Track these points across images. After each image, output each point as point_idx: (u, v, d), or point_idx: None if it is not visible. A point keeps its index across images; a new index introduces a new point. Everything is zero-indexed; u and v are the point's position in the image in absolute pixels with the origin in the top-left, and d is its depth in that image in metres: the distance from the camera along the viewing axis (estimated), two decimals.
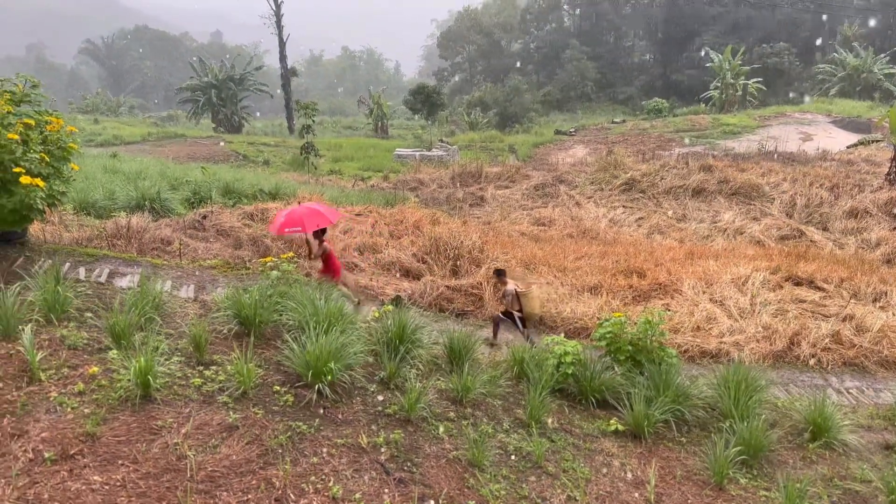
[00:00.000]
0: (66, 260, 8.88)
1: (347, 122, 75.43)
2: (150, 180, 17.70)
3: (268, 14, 59.49)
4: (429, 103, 51.73)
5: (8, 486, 4.44)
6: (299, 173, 34.16)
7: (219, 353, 6.76)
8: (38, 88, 8.89)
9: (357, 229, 15.46)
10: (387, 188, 28.32)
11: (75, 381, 5.73)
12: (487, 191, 27.00)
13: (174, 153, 36.75)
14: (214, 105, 59.10)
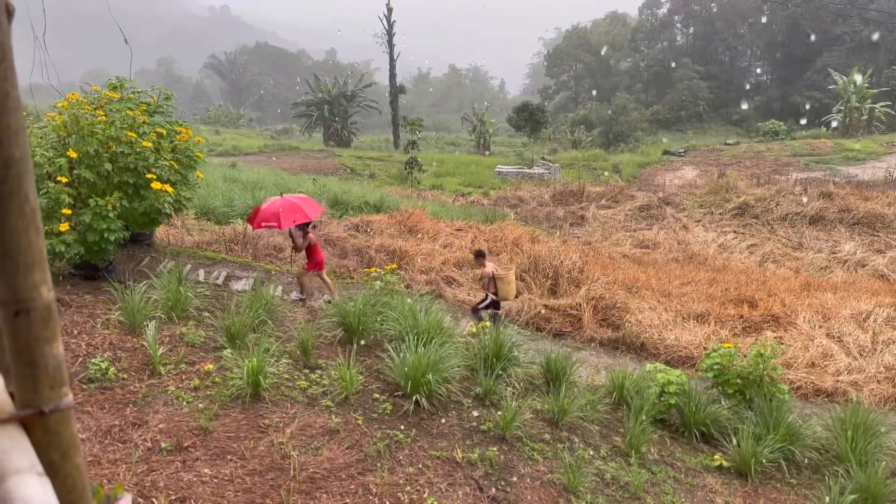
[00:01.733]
0: (187, 262, 9.51)
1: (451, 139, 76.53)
2: (265, 190, 18.64)
3: (380, 33, 61.49)
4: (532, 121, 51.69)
5: (128, 471, 4.78)
6: (402, 187, 34.95)
7: (323, 358, 7.02)
8: (171, 100, 9.61)
9: (456, 244, 15.63)
10: (487, 204, 28.46)
11: (192, 377, 6.11)
12: (589, 210, 26.58)
13: (288, 165, 38.55)
14: (326, 120, 61.57)
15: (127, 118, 7.89)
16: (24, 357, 1.14)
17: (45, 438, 1.17)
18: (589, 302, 11.81)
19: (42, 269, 1.14)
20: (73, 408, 1.21)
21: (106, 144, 7.57)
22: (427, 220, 17.63)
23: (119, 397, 5.63)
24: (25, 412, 1.15)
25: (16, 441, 1.12)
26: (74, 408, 1.28)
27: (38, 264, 1.14)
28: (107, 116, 7.81)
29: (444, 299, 11.13)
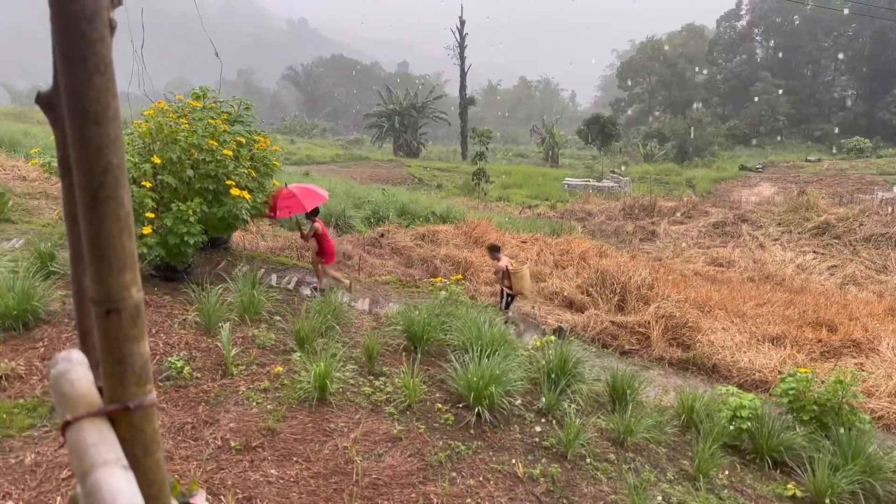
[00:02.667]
0: (261, 266, 9.80)
1: (519, 150, 76.32)
2: (336, 198, 19.03)
3: (452, 45, 62.07)
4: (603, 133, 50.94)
5: (198, 468, 4.94)
6: (469, 198, 35.05)
7: (388, 366, 7.09)
8: (250, 110, 9.95)
9: (522, 256, 15.54)
10: (553, 217, 28.20)
11: (262, 379, 6.27)
12: (660, 226, 25.97)
13: (358, 174, 39.27)
14: (396, 131, 62.48)
15: (209, 127, 8.22)
16: (113, 354, 1.19)
17: (129, 433, 1.21)
18: (658, 320, 11.52)
19: (133, 270, 1.20)
20: (155, 405, 1.26)
21: (188, 151, 7.90)
22: (493, 231, 17.61)
23: (193, 395, 5.84)
24: (112, 407, 1.20)
25: (103, 435, 1.17)
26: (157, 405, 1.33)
27: (129, 266, 1.19)
28: (190, 125, 8.16)
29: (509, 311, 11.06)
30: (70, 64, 1.11)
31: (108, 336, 1.17)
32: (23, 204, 11.41)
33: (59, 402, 1.21)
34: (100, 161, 1.13)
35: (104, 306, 1.16)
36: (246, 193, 8.16)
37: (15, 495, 4.41)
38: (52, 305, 6.78)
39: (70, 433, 1.14)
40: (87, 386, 1.23)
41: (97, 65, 1.11)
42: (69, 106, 1.13)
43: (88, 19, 1.10)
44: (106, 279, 1.15)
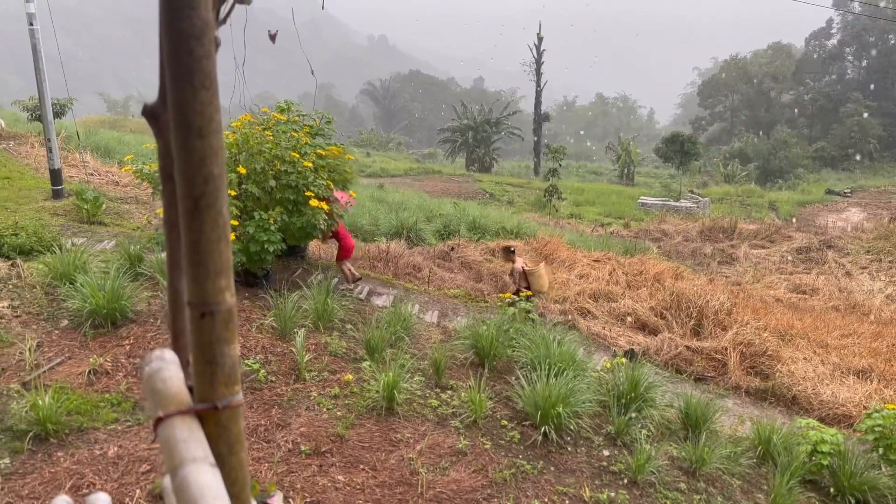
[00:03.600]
0: (335, 275, 10.01)
1: (593, 167, 75.36)
2: (408, 211, 19.28)
3: (529, 62, 62.07)
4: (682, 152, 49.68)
5: (269, 470, 5.07)
6: (540, 214, 34.81)
7: (454, 379, 7.10)
8: (331, 124, 10.23)
9: (593, 275, 15.29)
10: (627, 236, 27.64)
11: (332, 385, 6.40)
12: (740, 249, 25.05)
13: (430, 187, 39.68)
14: (469, 145, 62.82)
15: (291, 139, 8.50)
16: (205, 355, 1.24)
17: (216, 432, 1.26)
18: (736, 347, 11.10)
19: (227, 276, 1.25)
20: (242, 405, 1.31)
21: (272, 163, 8.19)
22: (564, 248, 17.42)
23: (266, 398, 6.01)
24: (202, 406, 1.25)
25: (193, 432, 1.23)
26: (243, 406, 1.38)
27: (224, 272, 1.24)
28: (274, 137, 8.46)
29: (578, 331, 10.90)
30: (178, 79, 1.17)
31: (202, 337, 1.23)
32: (115, 208, 12.06)
33: (151, 399, 1.27)
34: (202, 171, 1.19)
35: (200, 309, 1.21)
36: (324, 204, 8.38)
37: (98, 486, 4.64)
38: (138, 305, 7.13)
39: (161, 429, 1.20)
40: (179, 384, 1.28)
41: (203, 80, 1.17)
42: (175, 119, 1.19)
43: (197, 37, 1.16)
44: (203, 283, 1.20)
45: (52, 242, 8.44)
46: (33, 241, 8.45)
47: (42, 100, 12.14)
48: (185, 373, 1.35)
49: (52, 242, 8.44)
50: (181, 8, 1.16)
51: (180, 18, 1.17)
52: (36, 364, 6.00)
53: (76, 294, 6.87)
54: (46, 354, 6.22)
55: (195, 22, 1.17)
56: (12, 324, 6.74)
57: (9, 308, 6.94)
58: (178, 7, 1.16)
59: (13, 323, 6.74)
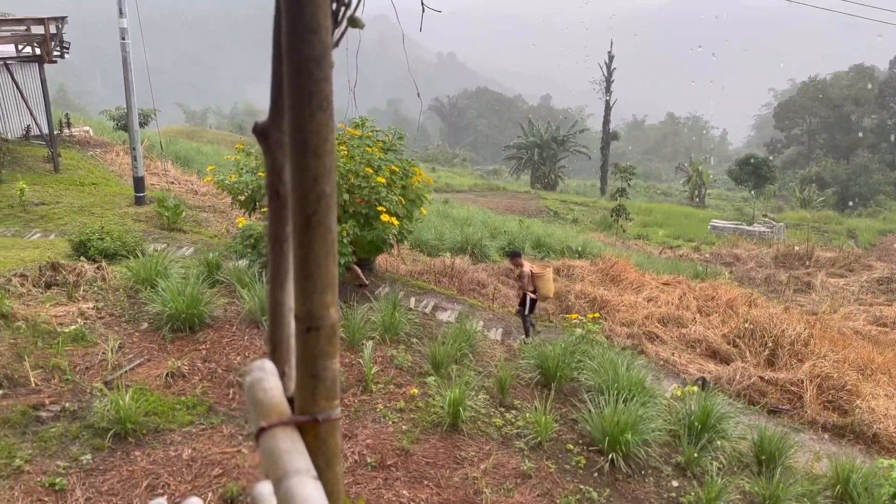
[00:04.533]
0: (401, 289, 10.11)
1: (662, 188, 73.85)
2: (473, 227, 19.31)
3: (598, 80, 61.53)
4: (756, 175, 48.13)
5: None
6: (606, 234, 34.29)
7: (519, 399, 7.03)
8: (403, 140, 10.38)
9: (662, 299, 14.92)
10: (697, 259, 26.90)
11: (398, 399, 6.43)
12: (816, 277, 24.02)
13: (494, 204, 39.68)
14: (535, 163, 62.61)
15: (365, 154, 8.66)
16: (308, 368, 1.27)
17: (315, 444, 1.28)
18: (813, 379, 10.61)
19: (333, 292, 1.27)
20: (340, 420, 1.32)
21: (346, 177, 8.35)
22: (631, 270, 17.06)
23: None
24: (303, 418, 1.27)
25: (295, 444, 1.25)
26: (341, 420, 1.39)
27: (330, 287, 1.26)
28: (348, 151, 8.63)
29: (646, 356, 10.64)
30: (297, 101, 1.20)
31: (306, 351, 1.25)
32: (193, 216, 12.53)
33: (252, 408, 1.30)
34: (315, 189, 1.22)
35: (306, 323, 1.24)
36: (395, 220, 8.48)
37: (172, 486, 4.78)
38: (216, 311, 7.37)
39: (264, 439, 1.22)
40: (279, 395, 1.31)
41: (320, 102, 1.20)
42: (292, 138, 1.23)
43: (316, 60, 1.19)
44: (310, 298, 1.23)
45: (135, 247, 8.82)
46: (118, 245, 8.86)
47: (129, 110, 12.78)
48: (284, 384, 1.38)
49: (135, 247, 8.83)
50: (304, 32, 1.19)
51: (302, 42, 1.20)
52: (117, 364, 6.27)
53: (157, 298, 7.15)
54: (127, 355, 6.49)
55: (316, 46, 1.21)
56: (96, 324, 7.07)
57: (93, 309, 7.28)
58: (300, 31, 1.19)
59: (97, 324, 7.06)
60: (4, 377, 6.09)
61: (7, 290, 7.35)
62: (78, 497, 4.73)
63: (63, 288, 7.58)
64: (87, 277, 7.78)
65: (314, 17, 1.17)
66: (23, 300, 7.26)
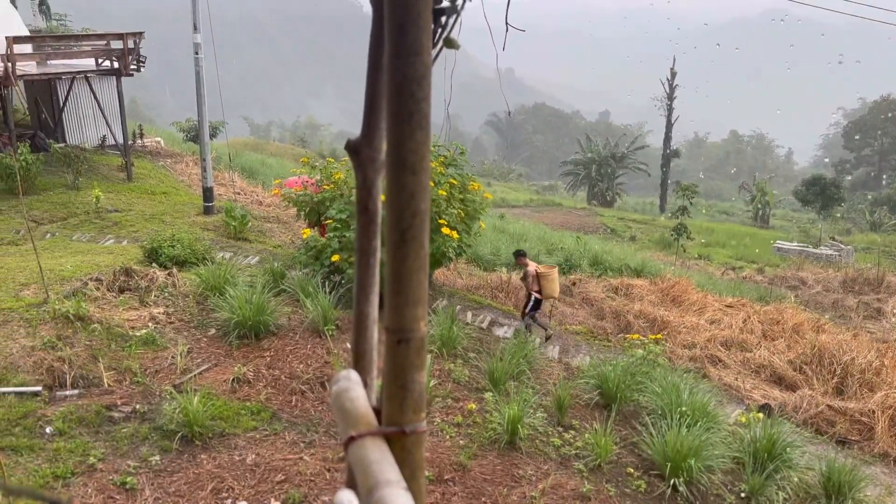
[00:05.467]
0: (458, 303, 10.13)
1: (724, 207, 72.01)
2: (529, 243, 19.24)
3: (660, 96, 60.64)
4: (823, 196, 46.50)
5: None
6: (665, 253, 33.62)
7: (577, 419, 6.94)
8: (465, 155, 10.45)
9: (725, 322, 14.52)
10: (761, 282, 26.08)
11: (455, 413, 6.44)
12: (887, 303, 22.95)
13: (550, 220, 39.44)
14: (592, 179, 62.00)
15: None
16: (397, 380, 1.29)
17: (401, 456, 1.30)
18: (885, 410, 10.12)
19: (423, 306, 1.29)
20: (426, 433, 1.34)
21: None
22: (693, 291, 16.66)
23: None
24: (391, 429, 1.30)
25: (384, 454, 1.27)
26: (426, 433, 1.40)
27: (421, 301, 1.29)
28: None
29: (709, 379, 10.36)
30: (397, 120, 1.24)
31: (396, 363, 1.28)
32: (259, 226, 12.88)
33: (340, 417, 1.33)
34: (411, 206, 1.25)
35: (396, 335, 1.26)
36: (454, 233, 8.53)
37: (236, 490, 4.90)
38: (280, 319, 7.54)
39: (353, 448, 1.25)
40: (365, 405, 1.34)
41: (419, 121, 1.23)
42: (390, 156, 1.26)
43: (418, 81, 1.23)
44: (401, 311, 1.26)
45: (204, 255, 9.12)
46: (187, 252, 9.18)
47: (200, 122, 13.26)
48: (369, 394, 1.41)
49: (204, 255, 9.13)
50: (407, 54, 1.22)
51: (405, 64, 1.23)
52: (186, 368, 6.47)
53: (225, 305, 7.37)
54: (195, 360, 6.70)
55: (418, 67, 1.24)
56: (166, 329, 7.32)
57: (164, 314, 7.55)
58: (404, 53, 1.23)
59: (167, 328, 7.31)
60: (80, 377, 6.37)
61: (84, 293, 7.70)
62: (147, 497, 4.89)
63: (136, 293, 7.90)
64: (158, 283, 8.08)
65: (417, 39, 1.20)
66: (98, 304, 7.59)
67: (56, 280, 8.35)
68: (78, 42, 18.59)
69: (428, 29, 1.22)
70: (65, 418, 5.77)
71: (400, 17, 1.20)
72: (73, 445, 5.46)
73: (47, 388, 6.23)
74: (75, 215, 13.81)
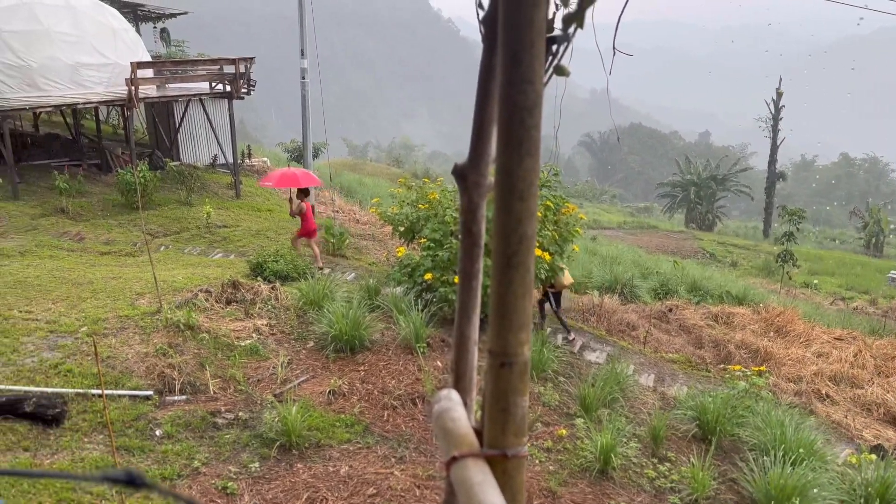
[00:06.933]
0: (548, 325, 10.02)
1: (833, 234, 67.85)
2: (623, 266, 18.80)
3: (764, 117, 58.10)
4: None
5: None
6: (769, 280, 32.01)
7: (673, 451, 6.69)
8: (559, 176, 10.38)
9: (834, 355, 13.63)
10: (874, 314, 24.34)
11: (545, 438, 6.35)
12: None
13: (644, 242, 38.41)
14: (691, 201, 59.95)
15: None
16: (499, 403, 1.31)
17: (503, 480, 1.31)
18: None
19: (527, 330, 1.31)
20: (527, 457, 1.34)
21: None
22: (799, 321, 15.76)
23: None
24: (493, 452, 1.31)
25: (486, 476, 1.28)
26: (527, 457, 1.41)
27: (525, 326, 1.30)
28: None
29: (816, 416, 9.74)
30: (508, 147, 1.27)
31: (498, 386, 1.29)
32: (355, 243, 13.26)
33: (442, 437, 1.35)
34: (517, 231, 1.27)
35: (500, 359, 1.28)
36: (547, 255, 8.47)
37: (330, 501, 5.02)
38: (374, 335, 7.71)
39: (455, 468, 1.27)
40: (466, 426, 1.36)
41: (529, 148, 1.26)
42: (499, 182, 1.29)
43: (529, 109, 1.25)
44: (505, 335, 1.27)
45: (305, 270, 9.47)
46: (289, 268, 9.57)
47: (305, 143, 13.85)
48: (468, 414, 1.43)
49: (304, 270, 9.48)
50: (520, 83, 1.25)
51: (518, 92, 1.26)
52: (286, 379, 6.72)
53: (322, 319, 7.62)
54: (294, 371, 6.95)
55: (530, 95, 1.27)
56: (268, 340, 7.64)
57: (267, 326, 7.88)
58: (517, 82, 1.25)
59: (269, 340, 7.63)
60: (188, 384, 6.74)
61: (194, 304, 8.16)
62: (246, 502, 5.10)
63: (241, 305, 8.30)
64: (262, 296, 8.46)
65: (531, 67, 1.23)
66: (207, 314, 8.03)
67: (169, 290, 8.90)
68: (194, 66, 19.88)
69: (541, 58, 1.25)
70: (173, 422, 6.12)
71: (514, 47, 1.23)
72: (179, 448, 5.78)
73: (158, 392, 6.63)
74: (187, 230, 14.71)
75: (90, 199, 16.33)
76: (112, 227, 14.78)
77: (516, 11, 1.19)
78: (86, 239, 13.75)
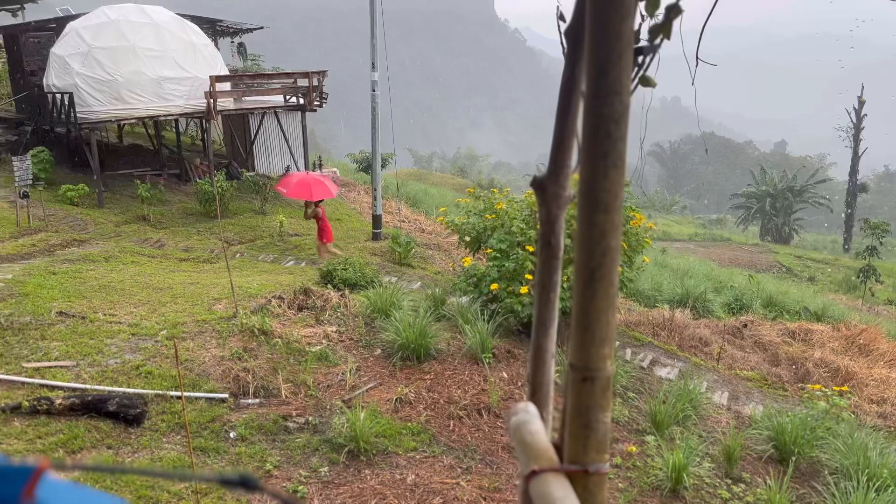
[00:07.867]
0: (617, 339, 9.83)
1: None
2: (695, 279, 18.28)
3: (845, 126, 55.56)
4: None
5: None
6: (849, 297, 30.50)
7: (748, 472, 6.44)
8: (628, 186, 10.20)
9: None
10: None
11: (614, 454, 6.22)
12: None
13: (717, 255, 37.26)
14: (766, 213, 57.80)
15: None
16: (581, 418, 1.29)
17: (583, 496, 1.28)
18: None
19: (610, 345, 1.28)
20: (608, 474, 1.32)
21: (568, 222, 8.40)
22: (883, 340, 14.95)
23: None
24: (574, 467, 1.29)
25: (567, 492, 1.26)
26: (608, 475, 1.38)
27: (608, 340, 1.28)
28: None
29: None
30: (592, 158, 1.25)
31: (580, 401, 1.27)
32: (420, 252, 13.37)
33: (520, 450, 1.34)
34: (601, 244, 1.25)
35: (581, 373, 1.26)
36: None
37: None
38: (440, 344, 7.75)
39: (535, 483, 1.26)
40: (544, 440, 1.34)
41: (615, 160, 1.24)
42: (583, 194, 1.28)
43: (615, 121, 1.24)
44: (587, 349, 1.25)
45: (373, 279, 9.62)
46: (358, 276, 9.74)
47: (374, 154, 14.08)
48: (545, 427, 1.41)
49: (372, 279, 9.63)
50: (606, 94, 1.24)
51: (604, 104, 1.25)
52: (354, 385, 6.83)
53: (390, 327, 7.71)
54: (362, 378, 7.05)
55: (617, 107, 1.25)
56: (337, 347, 7.78)
57: (336, 332, 8.03)
58: (603, 94, 1.24)
59: (338, 346, 7.77)
60: (262, 388, 6.94)
61: (268, 310, 8.41)
62: None
63: (312, 311, 8.50)
64: (332, 303, 8.64)
65: (618, 79, 1.22)
66: (280, 320, 8.25)
67: (244, 296, 9.20)
68: (269, 80, 20.55)
69: (628, 69, 1.23)
70: (246, 425, 6.30)
71: (601, 59, 1.22)
72: (252, 451, 5.94)
73: (233, 395, 6.84)
74: (261, 238, 15.18)
75: (170, 208, 17.07)
76: (191, 235, 15.40)
77: (604, 24, 1.18)
78: (166, 245, 14.37)
